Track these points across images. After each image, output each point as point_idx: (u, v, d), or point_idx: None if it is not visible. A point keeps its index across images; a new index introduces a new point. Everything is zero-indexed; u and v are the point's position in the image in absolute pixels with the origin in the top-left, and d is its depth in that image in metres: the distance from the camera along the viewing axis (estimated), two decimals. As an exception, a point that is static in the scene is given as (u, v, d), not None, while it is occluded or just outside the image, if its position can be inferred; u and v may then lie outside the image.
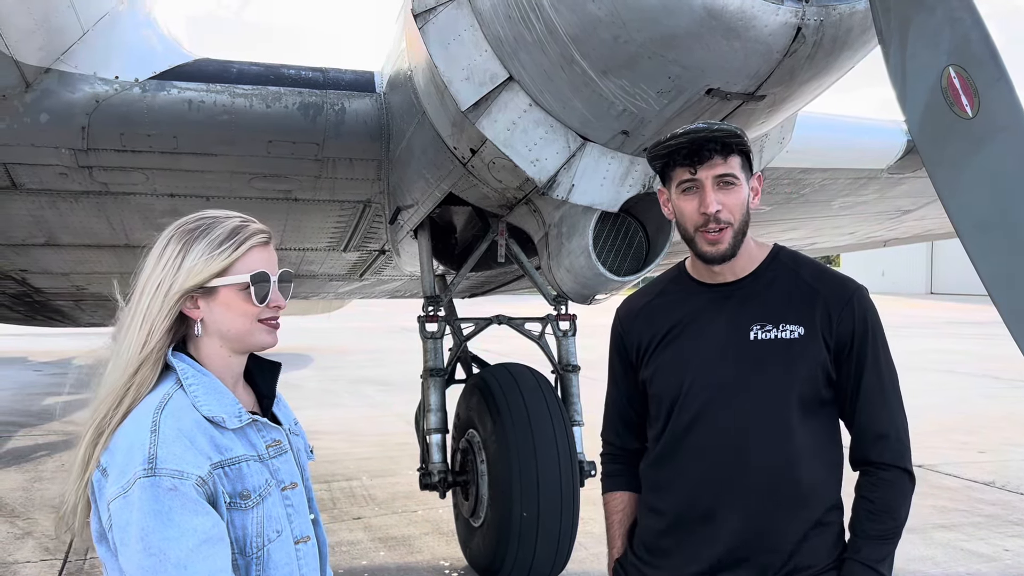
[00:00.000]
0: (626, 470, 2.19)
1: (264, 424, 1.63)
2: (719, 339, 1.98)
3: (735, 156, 1.92)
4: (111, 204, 5.33)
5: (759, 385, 1.94)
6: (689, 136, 1.90)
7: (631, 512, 2.17)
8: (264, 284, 1.61)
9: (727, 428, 1.94)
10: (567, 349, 5.35)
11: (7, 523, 6.12)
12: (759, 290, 2.01)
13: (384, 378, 14.33)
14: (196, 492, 1.45)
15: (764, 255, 2.05)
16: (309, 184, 5.27)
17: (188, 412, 1.53)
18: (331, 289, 9.03)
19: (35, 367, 16.69)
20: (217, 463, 1.50)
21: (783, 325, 1.95)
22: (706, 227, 1.94)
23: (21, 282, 7.31)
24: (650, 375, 2.07)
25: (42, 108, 4.26)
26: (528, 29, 3.12)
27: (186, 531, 1.42)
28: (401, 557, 5.47)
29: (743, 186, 1.94)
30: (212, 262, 1.57)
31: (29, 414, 11.13)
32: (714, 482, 1.95)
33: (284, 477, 1.63)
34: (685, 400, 1.99)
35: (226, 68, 4.65)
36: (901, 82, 2.52)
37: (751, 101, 2.99)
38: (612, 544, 2.19)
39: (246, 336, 1.62)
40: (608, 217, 3.98)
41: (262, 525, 1.55)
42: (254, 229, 1.63)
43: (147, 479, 1.43)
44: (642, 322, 2.11)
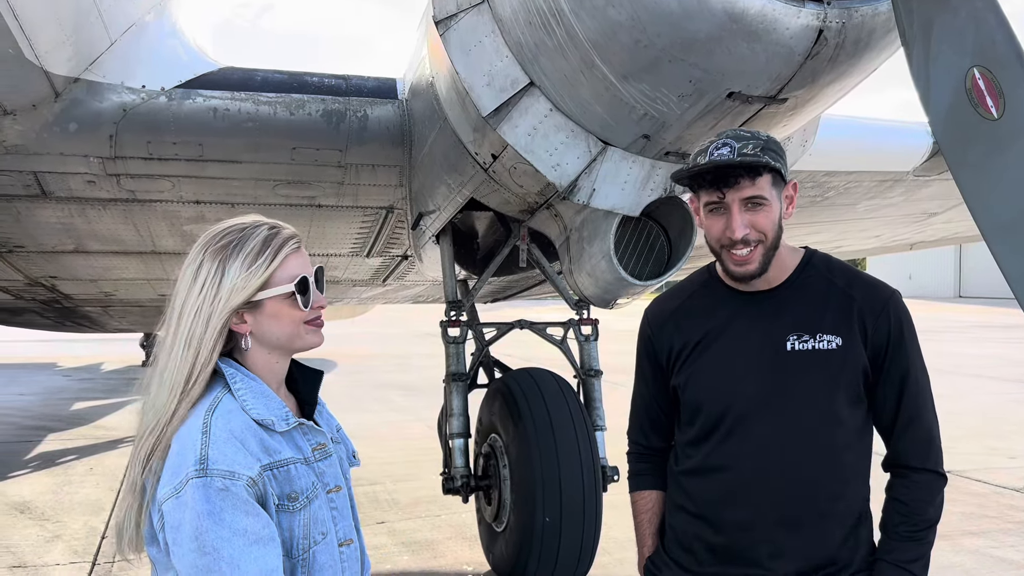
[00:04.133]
0: (653, 468, 2.20)
1: (310, 428, 1.65)
2: (755, 349, 1.97)
3: (765, 175, 1.90)
4: (138, 211, 5.41)
5: (799, 397, 1.93)
6: (713, 163, 1.88)
7: (659, 510, 2.18)
8: (304, 289, 1.63)
9: (766, 440, 1.94)
10: (589, 354, 5.34)
11: (37, 526, 6.22)
12: (793, 298, 1.99)
13: (407, 383, 14.39)
14: (247, 493, 1.46)
15: (797, 261, 2.04)
16: (332, 190, 5.32)
17: (238, 415, 1.54)
18: (354, 294, 9.08)
19: (64, 372, 16.94)
20: (267, 465, 1.51)
21: (820, 335, 1.94)
22: (732, 247, 1.93)
23: (51, 288, 7.42)
24: (683, 382, 2.06)
25: (71, 117, 4.33)
26: (549, 35, 3.13)
27: (238, 531, 1.44)
28: (425, 562, 5.48)
29: (774, 203, 1.92)
30: (252, 277, 1.57)
31: (58, 418, 11.29)
32: (750, 492, 1.95)
33: (329, 480, 1.64)
34: (722, 411, 1.98)
35: (250, 76, 4.70)
36: (925, 84, 2.49)
37: (773, 104, 2.97)
38: (642, 542, 2.20)
39: (295, 340, 1.65)
40: (629, 221, 3.98)
41: (308, 527, 1.56)
42: (285, 236, 1.63)
43: (199, 479, 1.44)
44: (672, 326, 2.10)
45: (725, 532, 1.98)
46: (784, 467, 1.93)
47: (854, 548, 1.96)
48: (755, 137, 1.92)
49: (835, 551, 1.94)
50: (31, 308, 8.79)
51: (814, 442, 1.93)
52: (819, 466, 1.93)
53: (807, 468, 1.92)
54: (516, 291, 7.88)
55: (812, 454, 1.93)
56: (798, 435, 1.93)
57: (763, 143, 1.91)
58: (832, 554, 1.94)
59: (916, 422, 1.97)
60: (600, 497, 4.78)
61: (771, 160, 1.89)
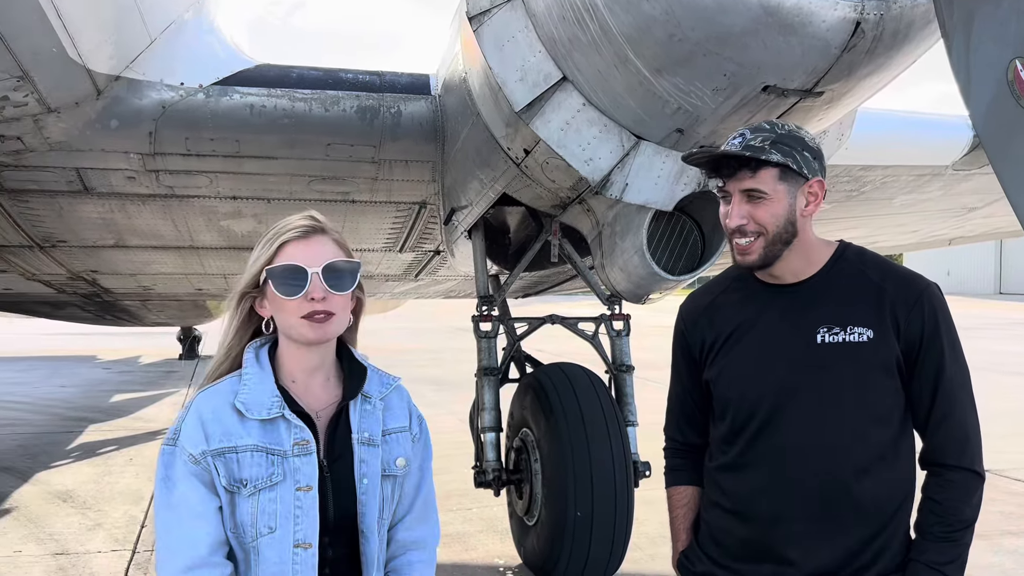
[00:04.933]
0: (689, 464, 2.19)
1: (296, 423, 1.64)
2: (785, 343, 1.95)
3: (767, 169, 1.88)
4: (176, 207, 5.50)
5: (828, 390, 1.91)
6: (706, 154, 1.92)
7: (695, 506, 2.17)
8: (289, 276, 1.62)
9: (796, 434, 1.92)
10: (621, 349, 5.33)
11: (79, 514, 6.36)
12: (824, 291, 1.96)
13: (439, 377, 14.46)
14: (189, 468, 1.60)
15: (829, 254, 2.00)
16: (366, 186, 5.36)
17: (219, 398, 1.65)
18: (387, 289, 9.15)
19: (104, 365, 17.27)
20: (214, 450, 1.61)
21: (851, 328, 1.91)
22: (733, 236, 1.95)
23: (92, 283, 7.58)
24: (714, 377, 2.05)
25: (112, 114, 4.42)
26: (582, 29, 3.13)
27: (181, 501, 1.59)
28: (456, 555, 5.52)
29: (777, 198, 1.89)
30: (256, 262, 1.66)
31: (99, 410, 11.52)
32: (782, 488, 1.93)
33: (302, 478, 1.62)
34: (752, 405, 1.97)
35: (286, 73, 4.76)
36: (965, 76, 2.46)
37: (808, 98, 2.95)
38: (677, 537, 2.20)
39: (291, 330, 1.65)
40: (662, 216, 3.97)
41: (255, 517, 1.60)
42: (292, 225, 1.66)
43: (167, 447, 1.64)
44: (705, 321, 2.10)
45: (757, 527, 1.96)
46: (815, 463, 1.90)
47: (887, 547, 1.92)
48: (771, 130, 1.90)
49: (867, 549, 1.91)
50: (73, 302, 8.99)
51: (845, 437, 1.90)
52: (852, 461, 1.89)
53: (838, 464, 1.89)
54: (547, 286, 7.88)
55: (843, 449, 1.89)
56: (829, 430, 1.90)
57: (774, 136, 1.89)
58: (864, 552, 1.90)
59: (950, 419, 1.92)
60: (632, 492, 4.77)
61: (775, 154, 1.87)
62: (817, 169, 1.92)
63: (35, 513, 6.37)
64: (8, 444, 8.99)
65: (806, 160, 1.90)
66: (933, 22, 2.64)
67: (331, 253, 1.65)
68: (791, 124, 1.96)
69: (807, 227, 1.96)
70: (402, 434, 1.77)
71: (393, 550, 1.79)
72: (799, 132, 1.94)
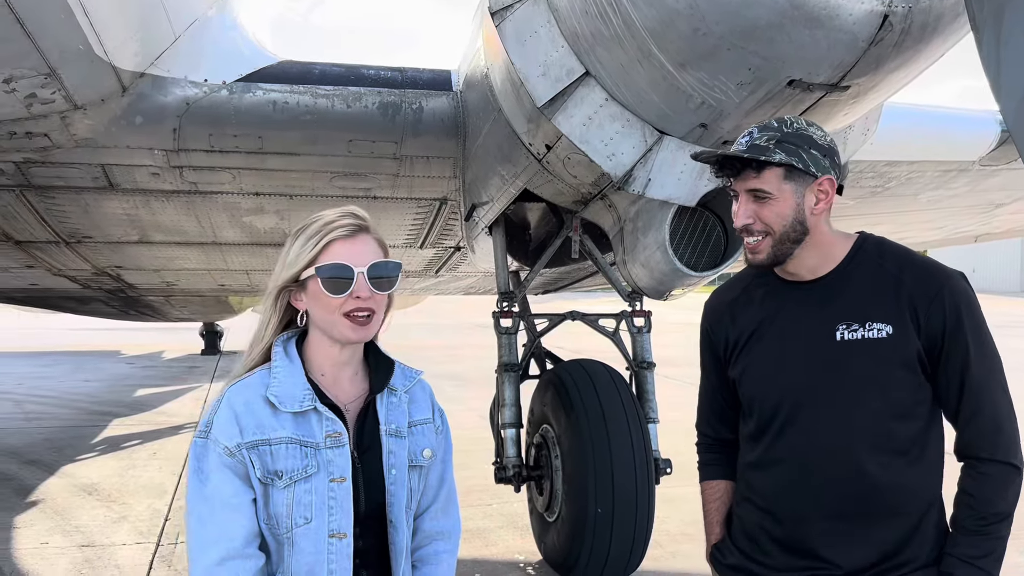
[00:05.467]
0: (722, 459, 2.19)
1: (328, 417, 1.67)
2: (805, 340, 1.94)
3: (771, 169, 1.88)
4: (200, 203, 5.54)
5: (851, 388, 1.89)
6: (711, 154, 1.94)
7: (727, 500, 2.18)
8: (337, 275, 1.64)
9: (819, 433, 1.91)
10: (642, 346, 5.31)
11: (104, 507, 6.44)
12: (842, 287, 1.95)
13: (459, 373, 14.49)
14: (223, 461, 1.62)
15: (847, 249, 1.98)
16: (388, 182, 5.38)
17: (251, 391, 1.66)
18: (407, 286, 9.18)
19: (128, 360, 17.45)
20: (256, 441, 1.62)
21: (869, 324, 1.89)
22: (742, 235, 1.96)
23: (116, 278, 7.66)
24: (738, 375, 2.06)
25: (137, 111, 4.46)
26: (605, 24, 3.11)
27: (212, 493, 1.60)
28: (476, 550, 5.53)
29: (782, 198, 1.88)
30: (300, 257, 1.67)
31: (123, 404, 11.65)
32: (806, 486, 1.93)
33: (335, 469, 1.65)
34: (774, 404, 1.97)
35: (309, 69, 4.78)
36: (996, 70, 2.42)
37: (834, 92, 2.92)
38: (710, 531, 2.20)
39: (330, 328, 1.68)
40: (685, 212, 3.95)
41: (291, 508, 1.62)
42: (339, 223, 1.68)
43: (200, 440, 1.65)
44: (728, 318, 2.10)
45: (786, 525, 1.97)
46: (838, 460, 1.90)
47: (920, 542, 1.91)
48: (778, 129, 1.89)
49: (898, 544, 1.90)
50: (97, 297, 9.09)
51: (868, 434, 1.88)
52: (875, 458, 1.88)
53: (862, 461, 1.88)
54: (568, 283, 7.87)
55: (867, 446, 1.88)
56: (851, 427, 1.89)
57: (780, 135, 1.88)
58: (895, 548, 1.90)
59: (980, 414, 1.89)
60: (652, 489, 4.76)
61: (779, 154, 1.86)
62: (827, 167, 1.90)
63: (61, 506, 6.46)
64: (34, 437, 9.12)
65: (814, 158, 1.89)
66: (962, 15, 2.60)
67: (374, 253, 1.69)
68: (802, 121, 1.94)
69: (820, 224, 1.94)
70: (427, 426, 1.81)
71: (419, 540, 1.82)
72: (807, 130, 1.92)
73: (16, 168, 4.80)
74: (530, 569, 5.21)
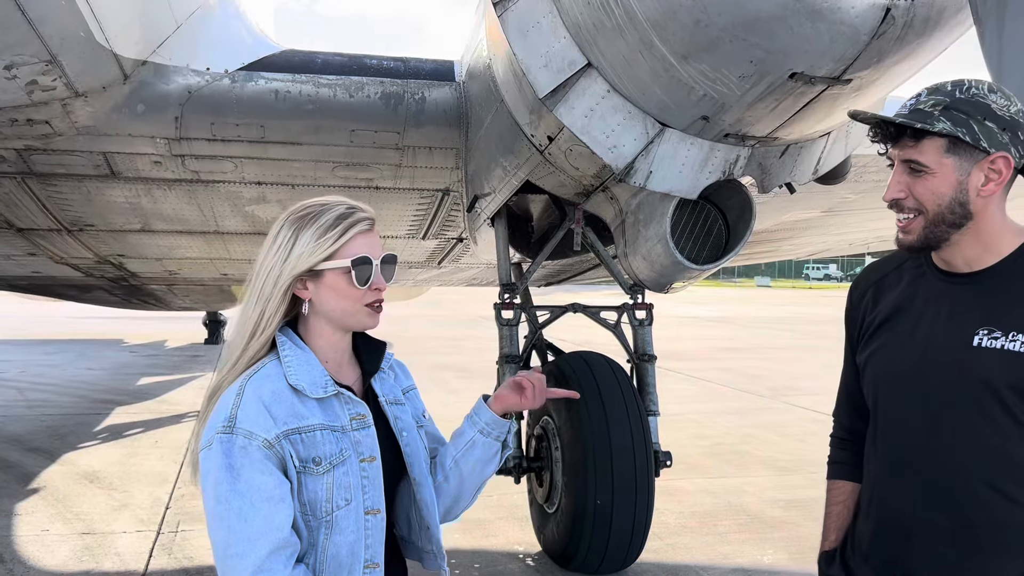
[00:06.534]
0: (852, 458, 1.98)
1: (350, 398, 1.72)
2: (938, 339, 1.74)
3: (932, 139, 1.66)
4: (201, 192, 5.54)
5: (972, 401, 1.68)
6: (864, 117, 1.74)
7: (852, 505, 1.98)
8: (366, 268, 1.70)
9: (929, 442, 1.73)
10: (643, 338, 5.31)
11: (105, 495, 6.46)
12: (997, 287, 1.71)
13: (462, 365, 14.51)
14: (262, 453, 1.59)
15: (1016, 244, 1.73)
16: (390, 172, 5.37)
17: (273, 381, 1.66)
18: (410, 276, 9.18)
19: (131, 348, 17.50)
20: (289, 430, 1.62)
21: (1014, 334, 1.65)
22: (892, 210, 1.76)
23: (118, 267, 7.67)
24: (863, 362, 1.88)
25: (138, 99, 4.46)
26: (607, 15, 3.10)
27: (251, 487, 1.57)
28: (476, 541, 5.54)
29: (941, 173, 1.67)
30: (319, 248, 1.69)
31: (125, 392, 11.68)
32: (910, 499, 1.75)
33: (364, 450, 1.70)
34: (886, 401, 1.81)
35: (311, 59, 4.77)
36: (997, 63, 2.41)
37: (837, 85, 2.90)
38: (825, 535, 2.03)
39: (349, 317, 1.73)
40: (687, 204, 3.94)
41: (331, 491, 1.64)
42: (359, 216, 1.73)
43: (224, 435, 1.60)
44: (871, 297, 1.91)
45: (886, 539, 1.80)
46: (948, 481, 1.71)
47: None
48: (951, 92, 1.67)
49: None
50: (100, 285, 9.10)
51: (983, 457, 1.67)
52: (986, 486, 1.67)
53: (972, 486, 1.68)
54: (570, 275, 7.87)
55: (978, 471, 1.67)
56: (966, 446, 1.68)
57: (949, 101, 1.66)
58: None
59: None
60: (652, 482, 4.77)
61: (944, 123, 1.64)
62: (1005, 143, 1.65)
63: (63, 493, 6.48)
64: (37, 425, 9.15)
65: (987, 131, 1.65)
66: (965, 8, 2.58)
67: (382, 246, 1.77)
68: (982, 86, 1.68)
69: (989, 209, 1.70)
70: (415, 391, 1.94)
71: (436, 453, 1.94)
72: (986, 97, 1.67)
73: (18, 155, 4.80)
74: (529, 560, 5.22)
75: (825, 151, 3.72)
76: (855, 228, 8.09)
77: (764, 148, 3.51)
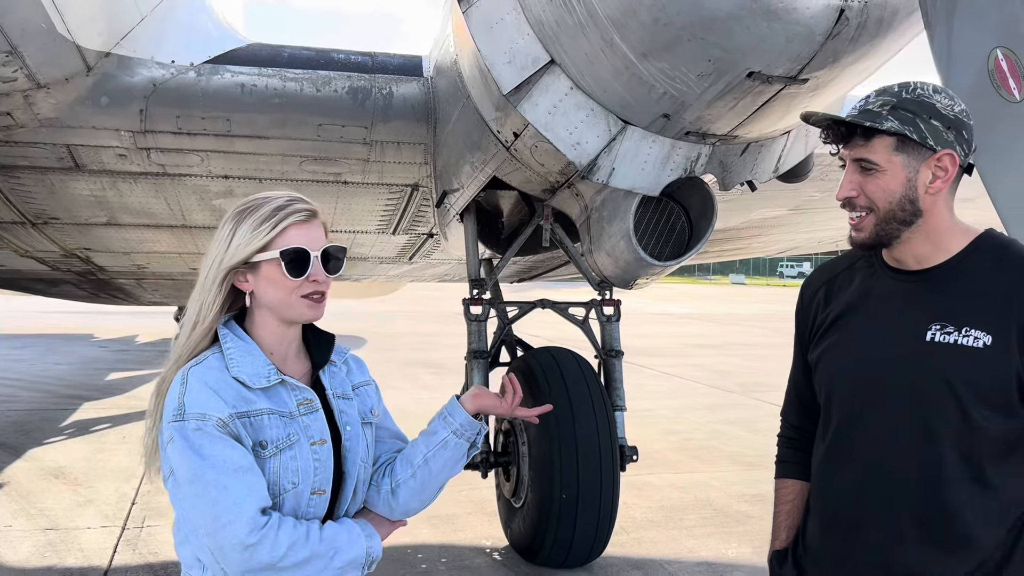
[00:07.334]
0: (800, 457, 2.00)
1: (295, 385, 1.75)
2: (891, 335, 1.76)
3: (881, 137, 1.70)
4: (168, 185, 5.50)
5: (925, 395, 1.70)
6: (821, 117, 1.77)
7: (801, 504, 1.99)
8: (298, 260, 1.71)
9: (882, 437, 1.74)
10: (611, 334, 5.35)
11: (70, 491, 6.40)
12: (948, 284, 1.74)
13: (436, 361, 14.49)
14: (218, 431, 1.62)
15: (965, 243, 1.76)
16: (358, 167, 5.36)
17: (215, 372, 1.69)
18: (381, 272, 9.16)
19: (100, 344, 17.29)
20: (240, 413, 1.65)
21: (967, 329, 1.67)
22: (845, 209, 1.79)
23: (85, 260, 7.59)
24: (815, 360, 1.90)
25: (102, 91, 4.42)
26: (569, 12, 3.12)
27: (219, 460, 1.60)
28: (444, 536, 5.56)
29: (891, 171, 1.70)
30: (254, 240, 1.71)
31: (94, 388, 11.56)
32: (862, 494, 1.77)
33: (314, 433, 1.73)
34: (842, 399, 1.82)
35: (278, 53, 4.75)
36: (946, 65, 2.46)
37: (793, 84, 2.95)
38: (776, 534, 2.05)
39: (287, 309, 1.74)
40: (650, 202, 3.97)
41: (279, 475, 1.67)
42: (294, 208, 1.73)
43: (177, 423, 1.64)
44: (822, 296, 1.93)
45: (835, 535, 1.81)
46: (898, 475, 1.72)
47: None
48: (897, 93, 1.71)
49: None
50: (67, 280, 8.99)
51: (933, 452, 1.69)
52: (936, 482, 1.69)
53: (921, 481, 1.70)
54: (542, 271, 7.89)
55: (928, 466, 1.70)
56: (917, 440, 1.70)
57: (897, 101, 1.70)
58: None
59: None
60: (617, 476, 4.81)
61: (892, 122, 1.68)
62: (950, 140, 1.69)
63: (27, 489, 6.41)
64: (1, 420, 9.03)
65: (933, 129, 1.68)
66: (918, 10, 2.63)
67: (323, 238, 1.77)
68: (927, 87, 1.73)
69: (938, 207, 1.73)
70: (368, 387, 1.93)
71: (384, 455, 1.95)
72: (931, 97, 1.71)
73: (-20, 147, 4.75)
74: (496, 554, 5.25)
75: (786, 149, 3.77)
76: (823, 226, 8.19)
77: (725, 146, 3.55)
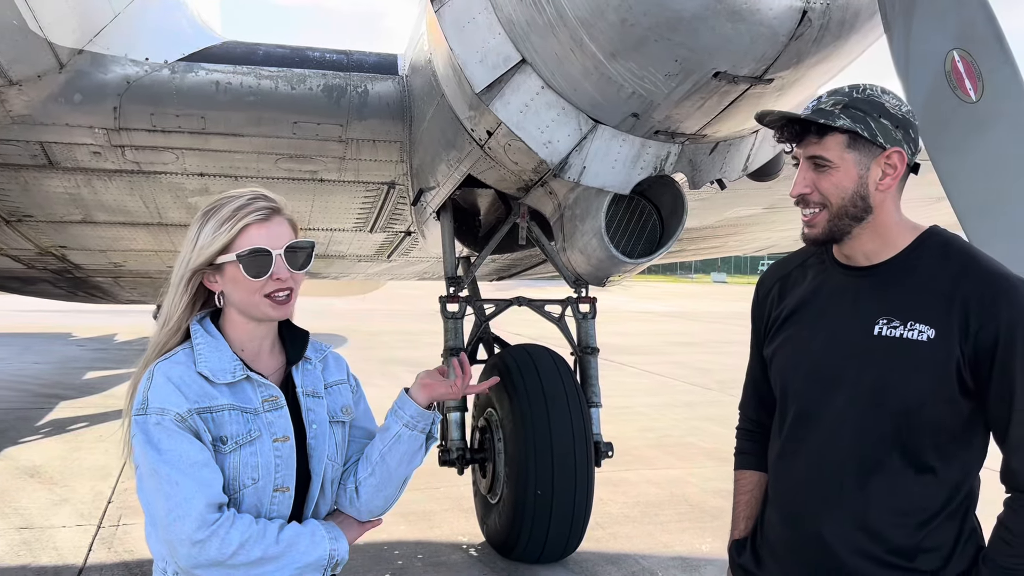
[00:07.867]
0: (758, 448, 2.05)
1: (261, 382, 1.76)
2: (840, 329, 1.81)
3: (834, 135, 1.75)
4: (143, 183, 5.48)
5: (872, 388, 1.75)
6: (775, 116, 1.81)
7: (759, 494, 2.04)
8: (256, 259, 1.70)
9: (828, 429, 1.80)
10: (587, 331, 5.39)
11: (46, 489, 6.36)
12: (894, 279, 1.79)
13: (415, 359, 14.49)
14: (177, 426, 1.64)
15: (911, 239, 1.81)
16: (334, 165, 5.37)
17: (183, 367, 1.71)
18: (360, 270, 9.16)
19: (78, 342, 17.15)
20: (201, 408, 1.67)
21: (911, 323, 1.72)
22: (798, 206, 1.84)
23: (61, 258, 7.54)
24: (770, 355, 1.95)
25: (75, 88, 4.40)
26: (539, 12, 3.16)
27: (176, 455, 1.63)
28: (421, 532, 5.58)
29: (844, 167, 1.75)
30: (215, 241, 1.72)
31: (71, 387, 11.47)
32: (811, 487, 1.82)
33: (277, 430, 1.74)
34: (794, 391, 1.87)
35: (252, 50, 4.75)
36: (905, 67, 2.51)
37: (759, 84, 2.99)
38: (735, 525, 2.09)
39: (252, 308, 1.75)
40: (621, 200, 4.01)
41: (238, 470, 1.69)
42: (254, 207, 1.73)
43: (140, 417, 1.66)
44: (776, 293, 1.99)
45: (789, 525, 1.86)
46: (842, 466, 1.77)
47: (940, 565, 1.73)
48: (848, 93, 1.77)
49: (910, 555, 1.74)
50: (43, 278, 8.93)
51: (876, 443, 1.74)
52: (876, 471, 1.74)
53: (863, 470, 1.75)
54: (520, 269, 7.92)
55: (870, 456, 1.75)
56: (860, 431, 1.75)
57: (848, 100, 1.75)
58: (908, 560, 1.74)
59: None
60: (592, 472, 4.85)
61: (843, 120, 1.73)
62: (899, 139, 1.75)
63: (1, 488, 6.37)
64: (-23, 420, 8.96)
65: (883, 128, 1.74)
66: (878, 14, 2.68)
67: (288, 234, 1.76)
68: (876, 88, 1.79)
69: (887, 205, 1.79)
70: (342, 386, 1.92)
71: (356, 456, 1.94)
72: (880, 98, 1.77)
73: (-49, 144, 4.72)
74: (473, 551, 5.28)
75: (754, 149, 3.83)
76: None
77: (694, 145, 3.60)
